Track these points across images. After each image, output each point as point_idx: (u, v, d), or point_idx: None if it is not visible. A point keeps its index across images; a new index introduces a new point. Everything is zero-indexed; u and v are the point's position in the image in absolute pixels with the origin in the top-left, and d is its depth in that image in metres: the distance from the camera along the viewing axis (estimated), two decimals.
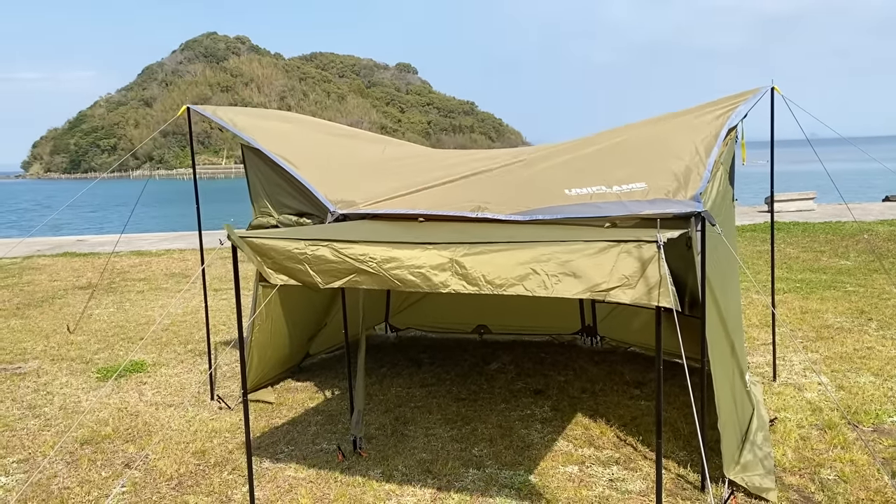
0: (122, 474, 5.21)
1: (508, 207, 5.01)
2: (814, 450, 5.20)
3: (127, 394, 7.06)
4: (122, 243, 19.07)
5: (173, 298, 11.79)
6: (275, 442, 5.73)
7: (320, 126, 7.63)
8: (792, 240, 15.14)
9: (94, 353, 8.57)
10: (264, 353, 6.71)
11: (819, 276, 11.26)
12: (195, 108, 6.30)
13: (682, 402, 6.15)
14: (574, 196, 4.91)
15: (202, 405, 6.63)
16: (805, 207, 21.08)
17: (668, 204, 4.56)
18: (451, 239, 3.87)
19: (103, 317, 10.60)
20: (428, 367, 7.63)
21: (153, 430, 6.09)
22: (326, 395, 6.81)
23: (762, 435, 5.13)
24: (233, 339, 8.94)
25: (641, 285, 3.35)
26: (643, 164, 5.11)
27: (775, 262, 6.82)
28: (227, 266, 14.30)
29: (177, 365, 7.99)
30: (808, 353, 7.49)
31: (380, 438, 5.72)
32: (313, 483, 4.97)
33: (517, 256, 3.62)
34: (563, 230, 4.39)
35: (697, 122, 5.44)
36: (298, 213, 5.95)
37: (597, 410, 6.18)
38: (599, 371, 7.25)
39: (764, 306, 9.30)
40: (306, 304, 7.07)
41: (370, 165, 6.46)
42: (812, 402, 6.14)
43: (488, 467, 5.12)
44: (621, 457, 5.23)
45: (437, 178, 5.84)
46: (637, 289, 3.36)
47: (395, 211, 5.40)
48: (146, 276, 14.16)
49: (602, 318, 8.05)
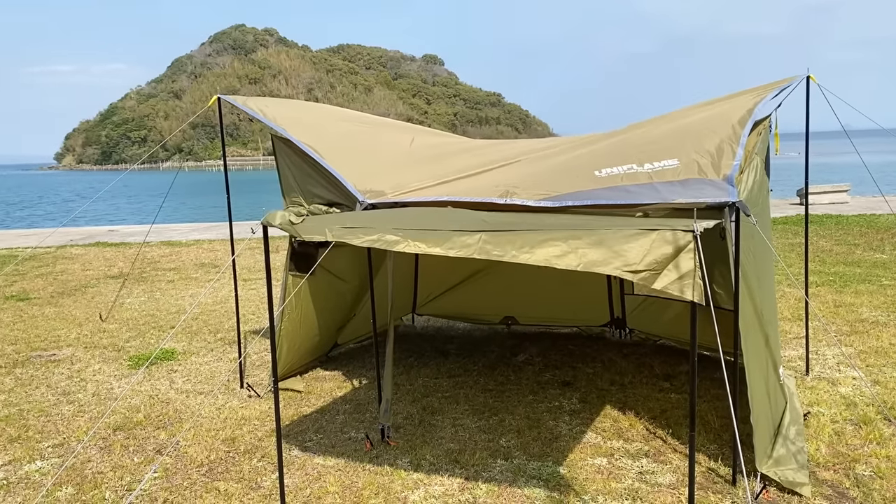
0: (154, 460, 5.28)
1: (537, 192, 4.97)
2: (848, 445, 5.11)
3: (158, 381, 7.15)
4: (153, 233, 19.31)
5: (203, 288, 11.91)
6: (303, 430, 5.76)
7: (350, 116, 7.64)
8: (825, 232, 14.88)
9: (126, 341, 8.69)
10: (294, 342, 6.75)
11: (853, 270, 11.06)
12: (226, 98, 6.33)
13: (712, 394, 6.08)
14: (604, 177, 4.84)
15: (232, 393, 6.69)
16: (839, 200, 20.71)
17: (701, 185, 4.49)
18: (478, 227, 3.83)
19: (134, 306, 10.74)
20: (455, 357, 7.63)
21: (184, 417, 6.16)
22: (354, 385, 6.83)
23: (795, 429, 5.05)
24: (261, 328, 9.01)
25: (673, 273, 3.30)
26: (676, 141, 5.04)
27: (808, 255, 6.70)
28: (254, 256, 14.42)
29: (207, 353, 8.08)
30: (842, 346, 7.36)
31: (407, 428, 5.73)
32: (342, 471, 4.99)
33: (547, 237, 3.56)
34: (595, 220, 4.34)
35: (731, 103, 5.36)
36: (328, 202, 5.96)
37: (626, 403, 6.13)
38: (628, 363, 7.19)
39: (796, 299, 9.15)
40: (335, 295, 7.10)
41: (399, 155, 6.46)
42: (846, 396, 6.03)
43: (516, 458, 5.10)
44: (651, 449, 5.18)
45: (466, 167, 5.82)
46: (667, 276, 3.30)
47: (424, 199, 5.39)
48: (176, 266, 14.33)
49: (631, 311, 7.98)
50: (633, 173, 4.80)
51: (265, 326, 8.92)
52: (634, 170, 4.82)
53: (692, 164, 4.67)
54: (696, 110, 5.72)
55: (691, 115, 5.64)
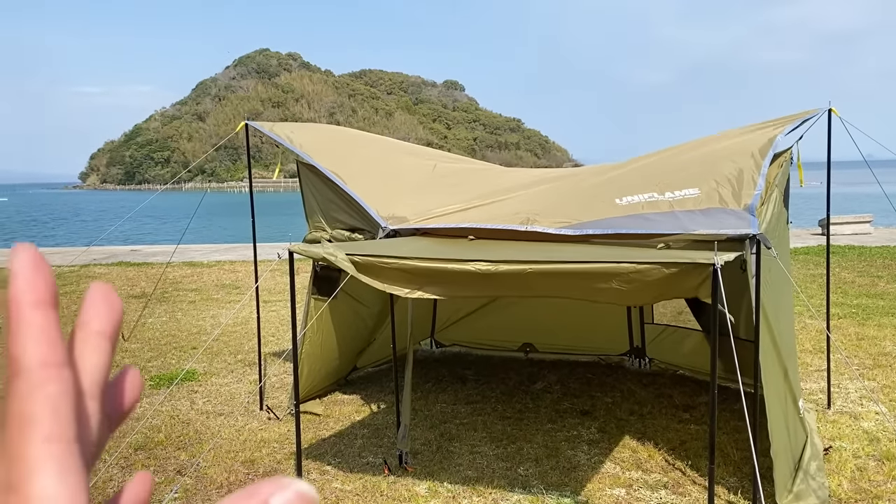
0: (175, 481, 5.33)
1: (558, 219, 5.02)
2: (871, 481, 5.05)
3: (179, 402, 7.22)
4: (175, 254, 19.53)
5: (224, 309, 12.02)
6: (322, 454, 5.79)
7: (374, 142, 7.76)
8: (847, 264, 14.75)
9: (148, 361, 8.78)
10: (314, 365, 6.81)
11: (876, 302, 10.95)
12: (252, 125, 6.46)
13: (732, 426, 6.04)
14: (625, 205, 4.88)
15: (251, 415, 6.74)
16: (861, 231, 20.53)
17: (722, 215, 4.51)
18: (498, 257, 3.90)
19: (156, 326, 10.86)
20: (473, 383, 7.64)
21: (204, 438, 6.21)
22: (372, 409, 6.86)
23: (816, 465, 5.01)
24: (281, 351, 9.07)
25: None
26: (697, 170, 5.08)
27: (830, 287, 6.67)
28: (275, 278, 14.53)
29: (227, 374, 8.15)
30: (864, 380, 7.28)
31: (425, 454, 5.74)
32: (359, 496, 5.01)
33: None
34: (617, 251, 4.38)
35: (752, 133, 5.40)
36: (351, 228, 6.04)
37: (645, 433, 6.10)
38: (647, 393, 7.16)
39: (818, 331, 9.08)
40: (356, 319, 7.16)
41: (421, 181, 6.54)
42: (869, 431, 5.97)
43: (534, 487, 5.10)
44: (670, 481, 5.16)
45: (488, 193, 5.89)
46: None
47: (445, 225, 5.45)
48: (198, 287, 14.48)
49: (651, 340, 7.96)
50: (654, 201, 4.84)
51: (285, 349, 8.98)
52: (655, 198, 4.86)
53: (713, 193, 4.70)
54: (716, 140, 5.76)
55: (712, 144, 5.68)
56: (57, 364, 0.35)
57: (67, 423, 0.35)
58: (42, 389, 0.35)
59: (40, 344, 0.35)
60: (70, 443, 0.35)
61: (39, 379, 0.35)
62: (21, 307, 0.36)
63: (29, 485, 0.33)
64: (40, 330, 0.35)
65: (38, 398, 0.34)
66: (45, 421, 0.34)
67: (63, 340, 0.37)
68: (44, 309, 0.36)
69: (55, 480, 0.34)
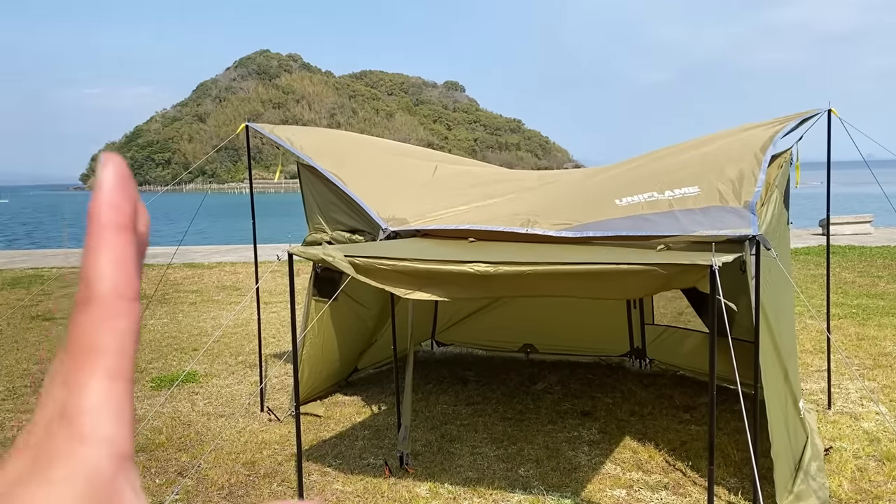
0: (176, 482, 5.34)
1: (558, 221, 5.02)
2: (871, 482, 5.06)
3: (180, 403, 7.23)
4: (176, 255, 19.52)
5: (224, 310, 12.03)
6: (323, 455, 5.80)
7: (374, 144, 7.77)
8: (848, 264, 14.75)
9: (149, 363, 8.79)
10: (315, 366, 6.82)
11: (876, 302, 10.95)
12: (254, 127, 6.47)
13: (732, 427, 6.04)
14: (625, 206, 4.89)
15: (252, 416, 6.75)
16: (862, 231, 20.52)
17: (722, 213, 4.52)
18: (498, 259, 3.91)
19: (157, 327, 10.87)
20: (474, 384, 7.64)
21: (205, 439, 6.22)
22: (373, 410, 6.87)
23: (816, 465, 5.01)
24: (282, 352, 9.08)
25: None
26: (696, 168, 5.09)
27: (830, 287, 6.67)
28: (275, 279, 14.54)
29: (228, 376, 8.16)
30: (865, 381, 7.29)
31: (426, 455, 5.75)
32: (360, 497, 5.02)
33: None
34: (616, 252, 4.38)
35: (752, 132, 5.41)
36: (351, 229, 6.05)
37: (645, 434, 6.11)
38: (648, 394, 7.17)
39: (818, 332, 9.08)
40: (357, 320, 7.17)
41: (421, 183, 6.55)
42: (869, 431, 5.97)
43: (535, 489, 5.10)
44: (670, 482, 5.16)
45: (488, 194, 5.89)
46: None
47: (445, 227, 5.46)
48: (198, 288, 14.49)
49: (651, 341, 7.97)
50: (654, 201, 4.84)
51: (286, 350, 8.99)
52: (655, 197, 4.86)
53: (713, 191, 4.71)
54: (716, 138, 5.76)
55: (712, 142, 5.69)
56: (130, 298, 0.33)
57: (130, 363, 0.33)
58: (112, 322, 0.33)
59: (118, 273, 0.33)
60: (130, 383, 0.33)
61: (112, 311, 0.33)
62: (103, 228, 0.33)
63: (85, 420, 0.31)
64: (120, 257, 0.33)
65: (107, 331, 0.32)
66: (111, 356, 0.32)
67: (139, 270, 0.35)
68: (126, 234, 0.34)
69: (112, 423, 0.32)
